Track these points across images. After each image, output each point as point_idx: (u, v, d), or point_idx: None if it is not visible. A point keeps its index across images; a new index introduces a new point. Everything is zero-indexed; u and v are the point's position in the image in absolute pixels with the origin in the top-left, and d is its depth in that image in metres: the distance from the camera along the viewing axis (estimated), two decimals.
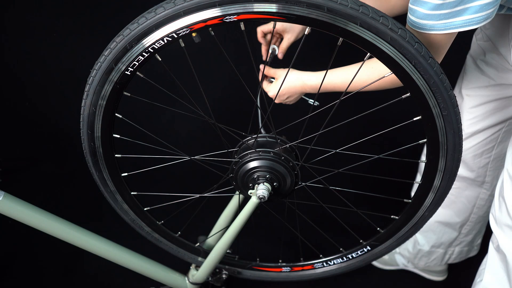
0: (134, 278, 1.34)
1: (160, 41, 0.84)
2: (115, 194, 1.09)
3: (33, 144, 2.03)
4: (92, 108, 0.93)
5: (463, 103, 1.24)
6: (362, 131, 1.03)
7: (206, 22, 0.81)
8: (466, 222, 1.42)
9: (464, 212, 1.40)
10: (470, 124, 1.24)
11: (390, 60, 0.81)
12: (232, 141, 1.04)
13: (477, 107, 1.21)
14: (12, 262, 1.60)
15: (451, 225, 1.43)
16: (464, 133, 1.24)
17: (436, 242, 1.48)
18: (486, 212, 1.40)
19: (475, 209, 1.39)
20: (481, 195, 1.36)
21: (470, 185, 1.35)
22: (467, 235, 1.46)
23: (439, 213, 1.40)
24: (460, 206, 1.39)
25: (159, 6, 0.82)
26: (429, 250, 1.50)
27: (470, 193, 1.36)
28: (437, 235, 1.46)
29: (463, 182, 1.35)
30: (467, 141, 1.26)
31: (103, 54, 0.87)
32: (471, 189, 1.36)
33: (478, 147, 1.26)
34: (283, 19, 0.80)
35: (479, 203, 1.37)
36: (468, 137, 1.26)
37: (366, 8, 0.78)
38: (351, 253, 1.21)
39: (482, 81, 1.18)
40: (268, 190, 1.00)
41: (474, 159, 1.29)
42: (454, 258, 1.53)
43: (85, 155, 1.01)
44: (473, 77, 1.20)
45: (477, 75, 1.18)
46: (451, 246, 1.49)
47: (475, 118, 1.22)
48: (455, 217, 1.41)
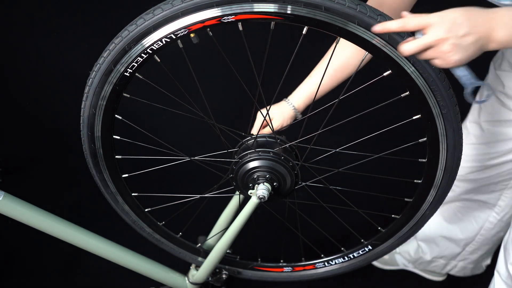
0: (134, 278, 1.34)
1: (158, 42, 0.84)
2: (116, 195, 1.09)
3: (33, 144, 2.03)
4: (92, 109, 0.93)
5: (482, 135, 1.16)
6: (362, 130, 1.02)
7: (204, 23, 0.81)
8: (471, 241, 1.39)
9: (469, 231, 1.37)
10: (490, 157, 1.17)
11: (389, 59, 0.81)
12: (232, 142, 1.04)
13: (499, 142, 1.14)
14: (12, 262, 1.60)
15: (455, 241, 1.41)
16: (482, 165, 1.19)
17: (438, 254, 1.47)
18: (494, 236, 1.36)
19: (482, 230, 1.35)
20: (490, 218, 1.32)
21: (480, 206, 1.31)
22: (472, 253, 1.43)
23: (444, 227, 1.40)
24: (467, 224, 1.36)
25: (157, 7, 0.82)
26: (430, 259, 1.49)
27: (480, 214, 1.33)
28: (440, 248, 1.44)
29: (474, 203, 1.31)
30: (485, 172, 1.20)
31: (102, 56, 0.88)
32: (481, 210, 1.32)
33: (496, 176, 1.21)
34: (281, 19, 0.80)
35: (487, 225, 1.33)
36: (486, 169, 1.20)
37: (363, 7, 0.78)
38: (352, 252, 1.21)
39: (503, 115, 1.09)
40: (268, 190, 1.00)
41: (489, 185, 1.24)
42: (457, 271, 1.50)
43: (85, 156, 1.01)
44: (494, 110, 1.12)
45: (498, 108, 1.10)
46: (453, 260, 1.47)
47: (497, 153, 1.16)
48: (459, 234, 1.39)
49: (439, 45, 0.71)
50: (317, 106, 1.01)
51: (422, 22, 0.71)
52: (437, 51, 0.72)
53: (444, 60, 0.73)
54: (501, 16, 0.72)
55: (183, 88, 0.98)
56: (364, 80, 0.93)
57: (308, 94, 1.03)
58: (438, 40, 0.71)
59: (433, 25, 0.71)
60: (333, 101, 0.94)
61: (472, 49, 0.72)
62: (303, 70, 1.07)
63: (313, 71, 1.05)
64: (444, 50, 0.71)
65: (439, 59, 0.73)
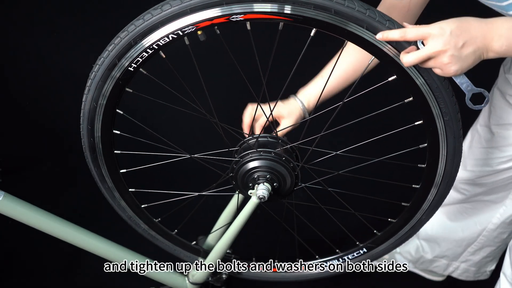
0: (134, 278, 1.34)
1: (165, 38, 0.83)
2: (113, 191, 1.08)
3: (33, 144, 2.01)
4: (93, 103, 0.92)
5: (493, 139, 1.16)
6: (364, 134, 1.03)
7: (212, 21, 0.81)
8: (473, 242, 1.39)
9: (472, 232, 1.37)
10: (500, 162, 1.17)
11: (394, 64, 0.82)
12: (233, 140, 1.04)
13: (509, 146, 1.13)
14: (12, 262, 1.59)
15: (456, 241, 1.41)
16: (493, 169, 1.19)
17: (440, 254, 1.46)
18: (496, 237, 1.36)
19: (485, 232, 1.35)
20: (493, 220, 1.32)
21: (487, 206, 1.31)
22: (474, 254, 1.43)
23: (447, 226, 1.39)
24: (470, 225, 1.36)
25: (165, 3, 0.81)
26: (431, 259, 1.48)
27: (484, 214, 1.33)
28: (441, 248, 1.44)
29: (481, 203, 1.31)
30: (495, 175, 1.21)
31: (106, 49, 0.87)
32: (486, 210, 1.32)
33: (505, 179, 1.21)
34: (289, 20, 0.80)
35: (489, 227, 1.34)
36: (496, 173, 1.20)
37: (373, 12, 0.78)
38: (347, 254, 1.22)
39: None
40: (268, 190, 1.00)
41: (499, 187, 1.25)
42: (459, 274, 1.50)
43: (84, 150, 1.00)
44: (504, 113, 1.11)
45: (508, 112, 1.10)
46: (455, 261, 1.47)
47: (507, 156, 1.15)
48: (460, 232, 1.39)
49: (439, 56, 0.74)
50: (321, 108, 1.01)
51: (421, 33, 0.74)
52: (436, 62, 0.75)
53: (443, 70, 0.76)
54: (499, 26, 0.74)
55: (187, 85, 0.97)
56: (368, 84, 0.93)
57: (318, 93, 1.02)
58: (437, 51, 0.74)
59: (433, 36, 0.73)
60: (337, 104, 0.94)
61: (470, 60, 0.75)
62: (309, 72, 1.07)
63: (324, 70, 1.04)
64: (443, 62, 0.74)
65: (438, 69, 0.77)
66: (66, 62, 1.90)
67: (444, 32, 0.73)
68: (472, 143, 1.23)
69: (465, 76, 0.78)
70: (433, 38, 0.73)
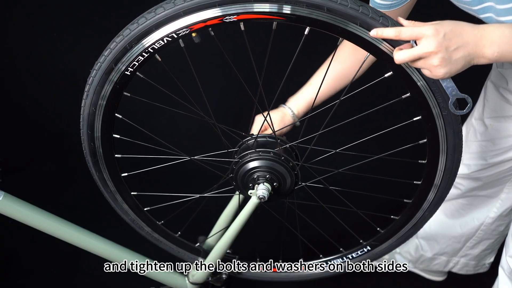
0: (134, 278, 1.34)
1: (160, 41, 0.84)
2: (115, 194, 1.09)
3: (33, 144, 2.02)
4: (92, 108, 0.93)
5: (486, 132, 1.17)
6: (362, 131, 1.03)
7: (206, 22, 0.81)
8: (471, 237, 1.40)
9: (470, 227, 1.37)
10: (494, 154, 1.17)
11: (390, 60, 0.81)
12: (232, 141, 1.04)
13: (502, 139, 1.14)
14: (11, 262, 1.60)
15: (455, 238, 1.41)
16: (487, 162, 1.19)
17: (439, 251, 1.46)
18: (494, 230, 1.37)
19: (483, 226, 1.36)
20: (491, 214, 1.32)
21: (483, 201, 1.31)
22: (473, 248, 1.43)
23: (445, 223, 1.39)
24: (468, 221, 1.36)
25: (158, 6, 0.82)
26: (431, 257, 1.49)
27: (482, 210, 1.33)
28: (440, 245, 1.45)
29: (478, 198, 1.32)
30: (490, 169, 1.20)
31: (103, 54, 0.87)
32: (483, 205, 1.32)
33: (500, 173, 1.21)
34: (283, 19, 0.80)
35: (487, 221, 1.34)
36: (490, 166, 1.20)
37: (365, 8, 0.78)
38: (351, 253, 1.21)
39: (507, 111, 1.10)
40: (268, 190, 1.00)
41: (494, 181, 1.25)
42: (459, 268, 1.50)
43: (85, 155, 1.01)
44: (497, 106, 1.12)
45: (502, 104, 1.11)
46: (455, 256, 1.47)
47: (501, 149, 1.15)
48: (458, 229, 1.39)
49: (429, 57, 0.74)
50: (318, 106, 1.01)
51: (416, 33, 0.75)
52: (426, 63, 0.75)
53: (432, 72, 0.76)
54: (490, 33, 0.74)
55: (183, 88, 0.98)
56: (365, 81, 0.93)
57: (307, 101, 1.06)
58: (429, 53, 0.74)
59: (426, 37, 0.74)
60: (334, 101, 0.94)
61: (460, 64, 0.75)
62: (304, 71, 1.07)
63: (312, 78, 1.07)
64: (433, 63, 0.74)
65: (427, 70, 0.77)
66: (66, 62, 1.92)
67: (438, 34, 0.73)
68: (467, 137, 1.23)
69: (452, 81, 0.79)
70: (426, 39, 0.73)
